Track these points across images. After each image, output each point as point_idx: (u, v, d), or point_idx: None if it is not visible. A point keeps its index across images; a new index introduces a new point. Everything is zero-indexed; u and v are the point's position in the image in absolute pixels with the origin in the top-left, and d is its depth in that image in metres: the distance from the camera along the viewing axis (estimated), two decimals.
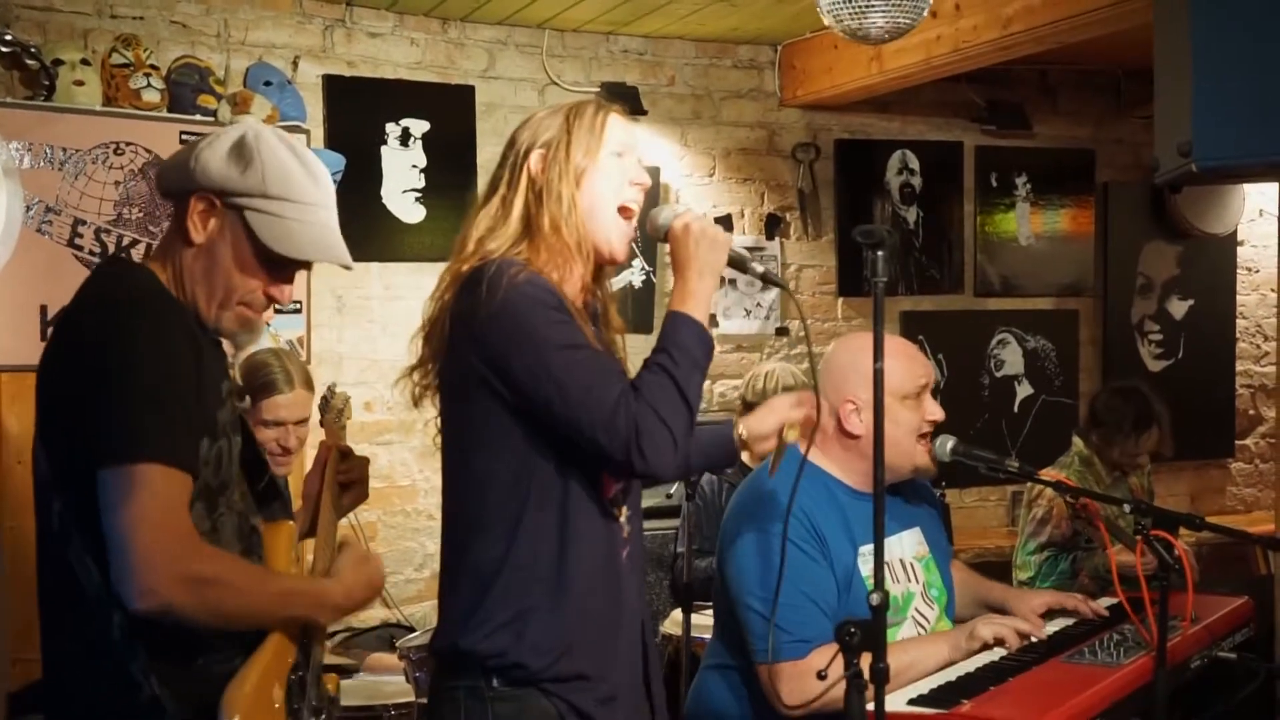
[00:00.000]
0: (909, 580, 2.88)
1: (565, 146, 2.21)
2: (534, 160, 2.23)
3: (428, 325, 2.24)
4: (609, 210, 2.24)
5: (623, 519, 2.26)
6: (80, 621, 1.97)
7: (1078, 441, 4.62)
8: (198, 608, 1.90)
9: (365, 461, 2.56)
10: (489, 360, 2.11)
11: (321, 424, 2.65)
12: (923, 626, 2.86)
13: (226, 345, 2.25)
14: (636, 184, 2.26)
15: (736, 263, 2.29)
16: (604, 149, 2.24)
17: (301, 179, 2.10)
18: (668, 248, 2.26)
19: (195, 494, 1.99)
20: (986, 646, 2.75)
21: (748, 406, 4.50)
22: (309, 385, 3.63)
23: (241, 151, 2.06)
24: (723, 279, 2.29)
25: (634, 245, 2.32)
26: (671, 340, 2.15)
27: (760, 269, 2.31)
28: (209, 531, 2.01)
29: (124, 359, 1.92)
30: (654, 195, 2.43)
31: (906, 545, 2.91)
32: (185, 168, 2.07)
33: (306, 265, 2.16)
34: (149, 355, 1.93)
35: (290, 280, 2.14)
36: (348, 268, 2.22)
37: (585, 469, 2.15)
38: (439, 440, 2.27)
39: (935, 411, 2.84)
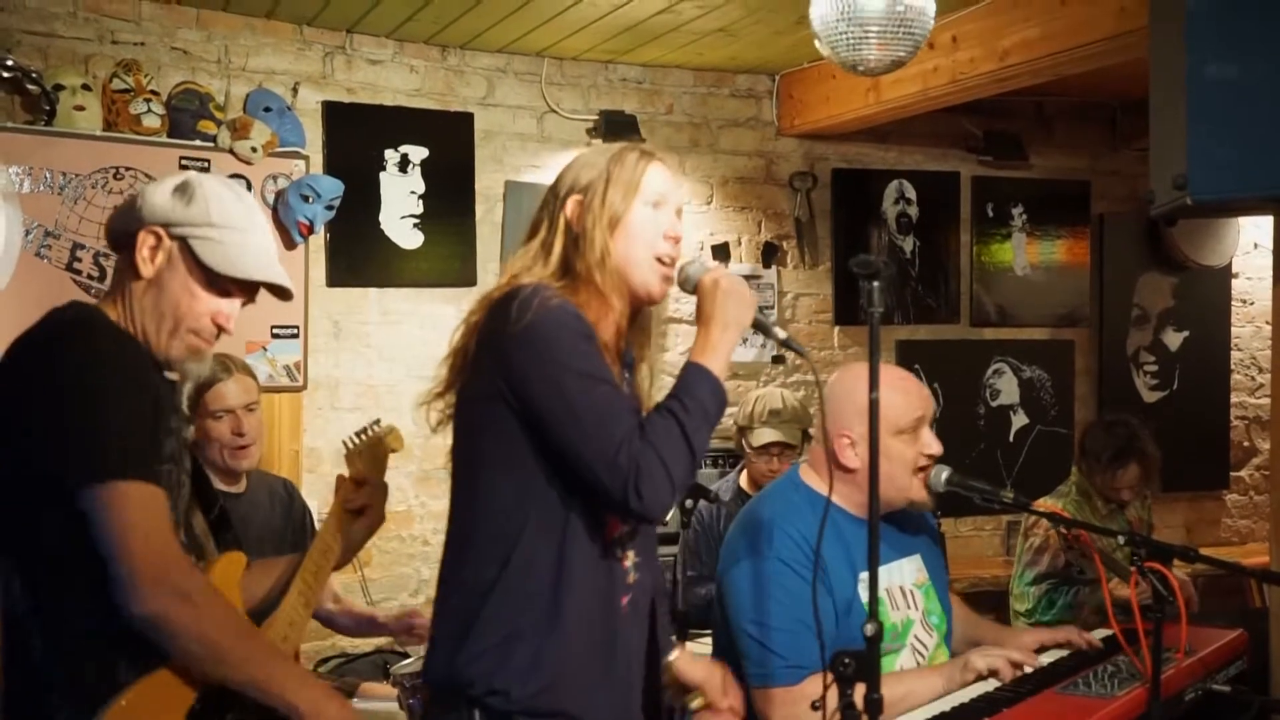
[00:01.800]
0: (909, 607, 2.87)
1: (602, 194, 2.23)
2: (571, 206, 2.24)
3: (453, 350, 2.25)
4: (645, 258, 2.25)
5: (628, 564, 2.25)
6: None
7: (1076, 472, 4.61)
8: (187, 623, 1.97)
9: (383, 489, 2.53)
10: (509, 377, 2.11)
11: (346, 458, 2.64)
12: (921, 654, 2.86)
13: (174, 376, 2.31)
14: (670, 237, 2.26)
15: (761, 326, 2.29)
16: (639, 198, 2.24)
17: (241, 209, 2.26)
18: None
19: None
20: (981, 678, 2.75)
21: (740, 432, 4.52)
22: (249, 373, 3.72)
23: (185, 189, 2.21)
24: None
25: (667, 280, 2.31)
26: (686, 390, 2.15)
27: (782, 335, 2.30)
28: None
29: (89, 384, 2.02)
30: None
31: (906, 572, 2.91)
32: (131, 210, 2.21)
33: (250, 291, 2.29)
34: (111, 381, 2.04)
35: (236, 302, 2.28)
36: (287, 291, 2.32)
37: (589, 503, 2.15)
38: (449, 465, 2.27)
39: (933, 445, 2.82)
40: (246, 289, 2.28)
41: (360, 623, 3.89)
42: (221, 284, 2.23)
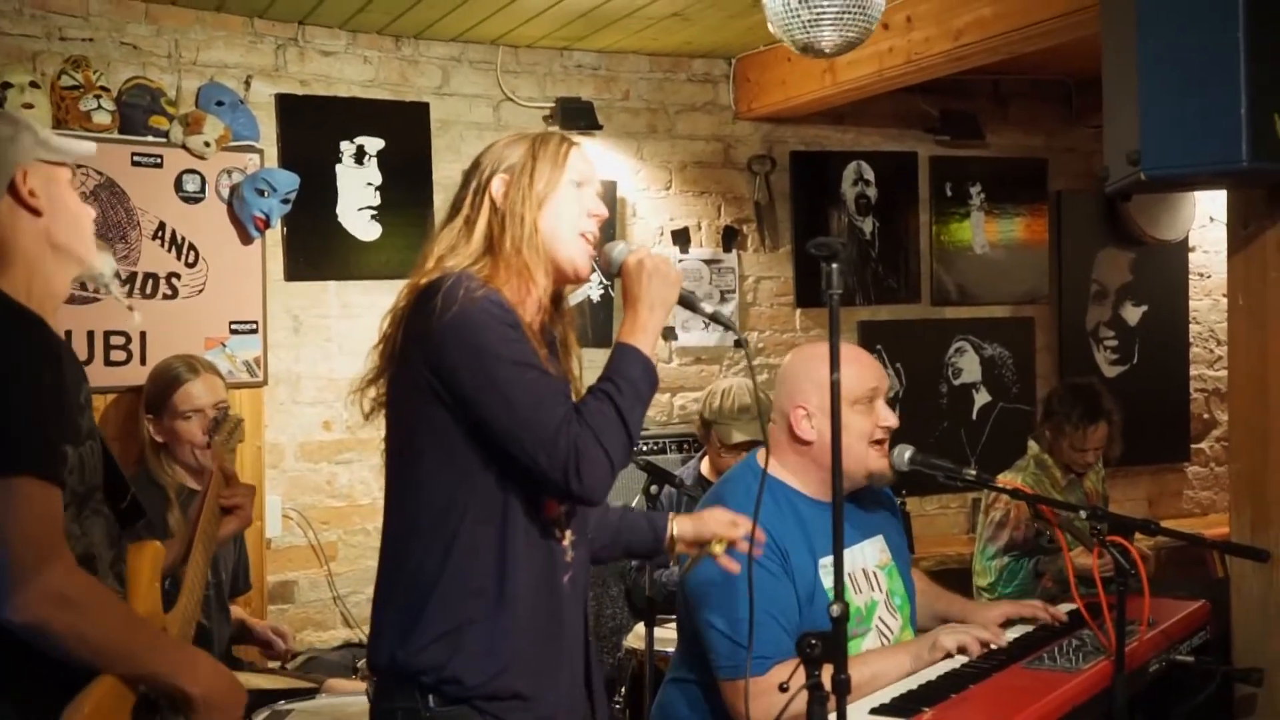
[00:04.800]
0: (872, 589, 2.89)
1: (529, 172, 2.27)
2: (497, 184, 2.27)
3: (383, 337, 2.27)
4: (571, 235, 2.29)
5: (566, 543, 2.28)
6: None
7: (1033, 445, 4.66)
8: (66, 630, 1.90)
9: (251, 489, 2.58)
10: (438, 370, 2.13)
11: (208, 445, 2.66)
12: (886, 637, 2.87)
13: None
14: (594, 215, 2.32)
15: (687, 303, 2.34)
16: (565, 177, 2.29)
17: None
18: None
19: (65, 502, 2.00)
20: (949, 656, 2.77)
21: (705, 424, 4.51)
22: (215, 372, 3.80)
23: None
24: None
25: (593, 260, 2.35)
26: (617, 370, 2.19)
27: (709, 310, 2.37)
28: (78, 536, 2.03)
29: None
30: (610, 206, 2.46)
31: (869, 554, 2.93)
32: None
33: None
34: (8, 369, 1.94)
35: None
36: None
37: (526, 486, 2.17)
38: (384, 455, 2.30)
39: (889, 418, 2.87)
40: None
41: (232, 625, 3.96)
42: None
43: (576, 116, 5.38)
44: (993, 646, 2.83)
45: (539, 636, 2.20)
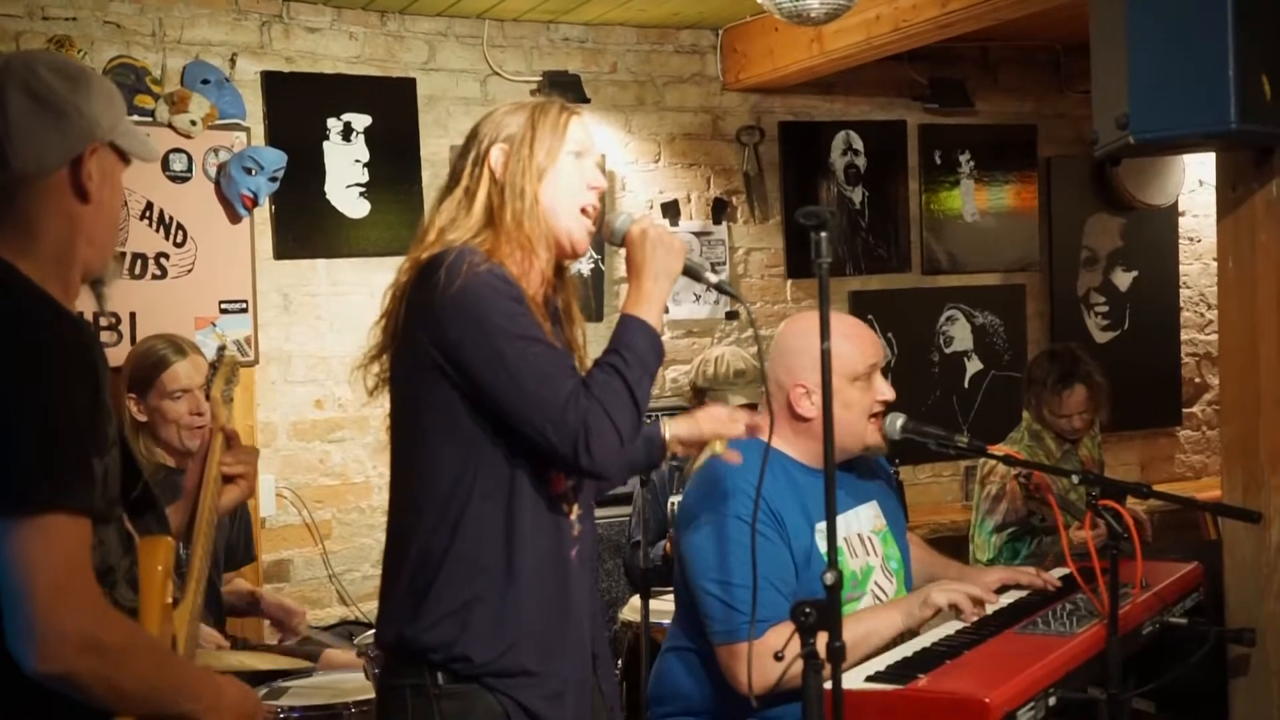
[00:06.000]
0: (868, 554, 2.90)
1: (529, 143, 2.24)
2: (496, 154, 2.24)
3: (384, 314, 2.24)
4: (570, 207, 2.26)
5: (573, 517, 2.27)
6: None
7: (1027, 415, 4.65)
8: (96, 679, 1.73)
9: (254, 453, 2.42)
10: (443, 345, 2.11)
11: (207, 396, 2.46)
12: (881, 601, 2.88)
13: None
14: (594, 188, 2.29)
15: (691, 272, 2.32)
16: (565, 148, 2.26)
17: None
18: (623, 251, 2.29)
19: None
20: (940, 613, 2.77)
21: (698, 392, 4.50)
22: (199, 352, 3.74)
23: (92, 81, 1.91)
24: None
25: (592, 233, 2.33)
26: (624, 342, 2.17)
27: (714, 279, 2.35)
28: (95, 548, 1.82)
29: (17, 393, 1.71)
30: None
31: (864, 519, 2.94)
32: (61, 127, 1.86)
33: None
34: (46, 386, 1.73)
35: None
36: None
37: (533, 462, 2.16)
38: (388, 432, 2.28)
39: (886, 391, 2.87)
40: None
41: (241, 597, 3.92)
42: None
43: (564, 90, 5.36)
44: (987, 607, 2.83)
45: (547, 612, 2.18)
